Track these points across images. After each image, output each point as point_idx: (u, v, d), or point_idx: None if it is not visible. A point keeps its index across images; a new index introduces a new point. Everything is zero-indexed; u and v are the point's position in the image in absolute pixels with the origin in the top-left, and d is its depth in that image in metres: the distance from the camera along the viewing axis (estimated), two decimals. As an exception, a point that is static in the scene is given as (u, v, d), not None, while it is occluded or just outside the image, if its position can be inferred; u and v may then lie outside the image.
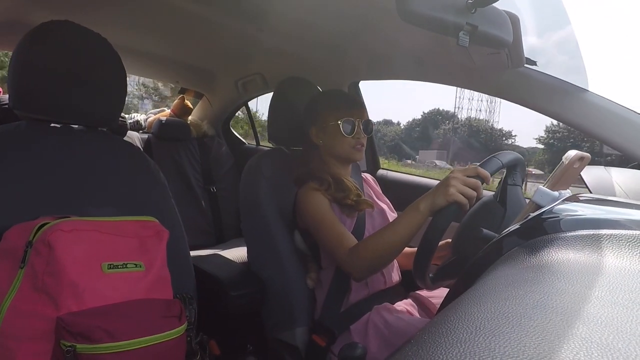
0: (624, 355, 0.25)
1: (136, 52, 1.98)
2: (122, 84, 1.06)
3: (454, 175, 0.89)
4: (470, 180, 0.87)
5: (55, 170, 0.97)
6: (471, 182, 0.87)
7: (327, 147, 1.23)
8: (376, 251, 0.99)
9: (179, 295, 0.99)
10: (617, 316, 0.31)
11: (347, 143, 1.20)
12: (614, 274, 0.40)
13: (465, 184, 0.87)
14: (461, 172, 0.89)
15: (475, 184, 0.87)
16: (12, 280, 0.77)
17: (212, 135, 2.60)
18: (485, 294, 0.41)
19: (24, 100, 0.95)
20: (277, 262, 1.23)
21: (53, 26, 0.96)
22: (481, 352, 0.27)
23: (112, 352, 0.74)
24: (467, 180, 0.87)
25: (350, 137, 1.19)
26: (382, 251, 0.99)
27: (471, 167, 0.90)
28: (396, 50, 1.51)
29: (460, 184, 0.87)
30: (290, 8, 1.34)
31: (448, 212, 0.88)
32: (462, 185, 0.87)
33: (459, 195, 0.86)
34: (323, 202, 1.15)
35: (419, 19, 0.81)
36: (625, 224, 0.54)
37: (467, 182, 0.87)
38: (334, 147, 1.22)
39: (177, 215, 1.13)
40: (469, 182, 0.87)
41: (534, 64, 1.26)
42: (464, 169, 0.90)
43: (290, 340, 1.18)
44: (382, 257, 1.01)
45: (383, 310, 1.11)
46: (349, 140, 1.19)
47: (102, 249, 0.84)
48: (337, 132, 1.19)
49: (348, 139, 1.19)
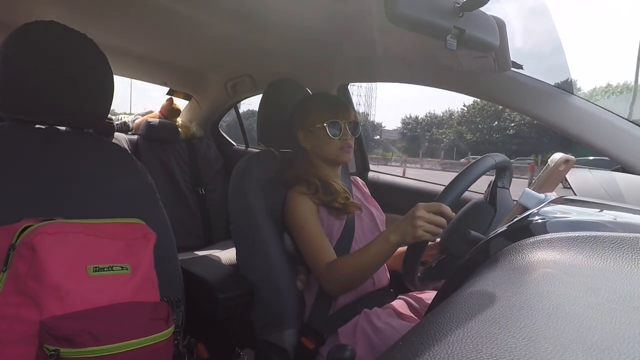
0: (607, 355, 0.26)
1: (123, 53, 1.96)
2: (109, 85, 1.05)
3: (419, 214, 0.91)
4: (435, 219, 0.91)
5: (40, 172, 0.95)
6: (436, 220, 0.91)
7: (315, 150, 1.24)
8: (349, 272, 1.04)
9: (166, 298, 0.98)
10: (601, 317, 0.32)
11: (334, 145, 1.20)
12: (599, 276, 0.41)
13: (430, 222, 0.91)
14: (425, 208, 0.92)
15: (440, 222, 0.91)
16: None
17: (200, 137, 2.59)
18: (473, 295, 0.41)
19: (7, 101, 0.93)
20: (266, 264, 1.22)
21: (38, 26, 0.94)
22: (469, 353, 0.27)
23: (96, 356, 0.73)
24: (432, 219, 0.91)
25: (337, 139, 1.20)
26: (355, 273, 1.04)
27: (434, 204, 0.92)
28: (385, 53, 1.52)
29: (425, 223, 0.90)
30: (280, 10, 1.34)
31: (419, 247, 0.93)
32: (427, 224, 0.90)
33: (426, 235, 0.90)
34: (309, 208, 1.15)
35: (407, 22, 0.82)
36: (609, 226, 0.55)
37: (432, 220, 0.91)
38: (322, 150, 1.22)
39: (165, 217, 1.12)
40: (433, 221, 0.91)
41: (520, 68, 1.28)
42: (429, 205, 0.93)
43: (279, 343, 1.18)
44: (355, 279, 1.07)
45: (372, 315, 1.11)
46: (335, 142, 1.20)
47: (88, 251, 0.83)
48: (323, 134, 1.20)
49: (335, 140, 1.20)
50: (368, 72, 1.73)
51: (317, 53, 1.68)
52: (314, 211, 1.16)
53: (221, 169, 2.58)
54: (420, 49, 1.33)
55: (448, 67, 1.33)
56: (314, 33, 1.51)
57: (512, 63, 1.23)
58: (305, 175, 1.20)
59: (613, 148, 1.16)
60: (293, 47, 1.67)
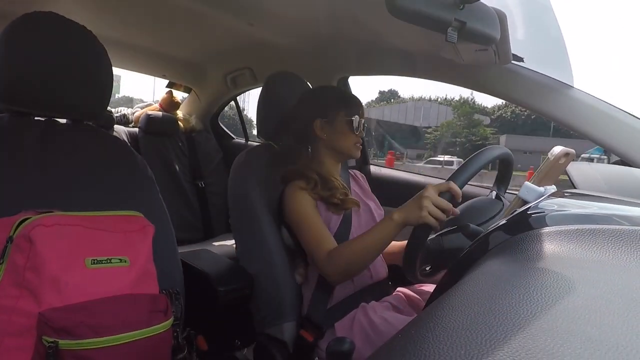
0: (606, 347, 0.26)
1: (123, 45, 1.95)
2: (108, 77, 1.04)
3: (427, 194, 0.91)
4: (442, 203, 0.90)
5: (38, 165, 0.95)
6: (442, 204, 0.90)
7: (330, 141, 1.23)
8: (352, 256, 1.04)
9: (165, 290, 0.98)
10: (600, 309, 0.32)
11: (351, 139, 1.21)
12: (598, 269, 0.41)
13: (437, 205, 0.90)
14: (434, 189, 0.92)
15: (446, 207, 0.90)
16: None
17: (200, 130, 2.58)
18: (472, 288, 0.41)
19: (5, 92, 0.93)
20: (265, 257, 1.23)
21: (36, 18, 0.94)
22: (468, 345, 0.27)
23: (95, 348, 0.73)
24: (439, 202, 0.90)
25: (356, 135, 1.21)
26: (358, 257, 1.04)
27: (444, 183, 0.92)
28: (385, 46, 1.52)
29: (431, 205, 0.90)
30: (280, 2, 1.33)
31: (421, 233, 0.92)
32: (433, 207, 0.90)
33: (430, 218, 0.89)
34: (307, 201, 1.15)
35: (407, 15, 0.81)
36: (609, 219, 0.55)
37: (439, 204, 0.90)
38: (338, 142, 1.22)
39: (164, 210, 1.12)
40: (440, 204, 0.90)
41: (521, 61, 1.27)
42: (438, 185, 0.92)
43: (279, 335, 1.18)
44: (358, 262, 1.06)
45: (369, 309, 1.12)
46: (353, 137, 1.21)
47: (86, 243, 0.82)
48: (345, 127, 1.20)
49: (353, 135, 1.21)
50: (368, 65, 1.73)
51: (317, 46, 1.67)
52: (312, 204, 1.16)
53: (221, 162, 2.58)
54: (421, 41, 1.32)
55: (448, 60, 1.33)
56: (314, 26, 1.50)
57: (513, 56, 1.22)
58: (304, 169, 1.20)
59: (614, 141, 1.16)
60: (293, 39, 1.67)
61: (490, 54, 1.18)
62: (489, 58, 1.20)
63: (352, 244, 1.05)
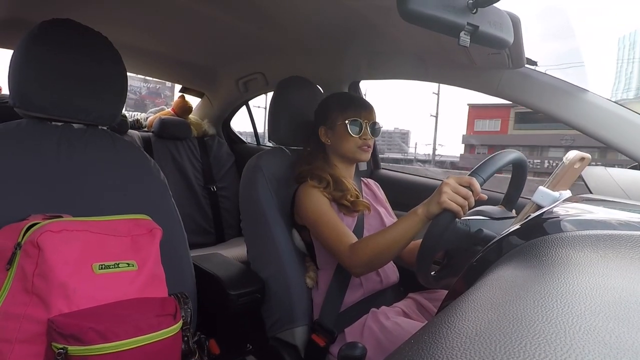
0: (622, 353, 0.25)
1: (137, 50, 1.97)
2: (123, 82, 1.06)
3: (447, 182, 0.91)
4: (461, 190, 0.90)
5: (55, 169, 0.97)
6: (462, 191, 0.90)
7: (334, 147, 1.25)
8: (376, 248, 1.02)
9: (174, 294, 0.98)
10: (616, 316, 0.31)
11: (353, 143, 1.21)
12: (614, 274, 0.40)
13: (456, 192, 0.90)
14: (455, 180, 0.92)
15: (466, 194, 0.90)
16: (2, 282, 0.76)
17: (212, 135, 2.60)
18: (486, 293, 0.41)
19: (25, 98, 0.95)
20: (277, 262, 1.23)
21: (54, 24, 0.96)
22: (482, 352, 0.27)
23: (105, 353, 0.73)
24: (458, 189, 0.90)
25: (357, 137, 1.21)
26: (382, 249, 1.02)
27: (465, 177, 0.92)
28: (397, 50, 1.51)
29: (452, 192, 0.90)
30: (292, 7, 1.34)
31: (442, 220, 0.90)
32: (453, 193, 0.89)
33: (451, 203, 0.89)
34: (322, 199, 1.16)
35: (419, 19, 0.81)
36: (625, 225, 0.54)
37: (459, 191, 0.90)
38: (341, 146, 1.23)
39: (177, 214, 1.13)
40: (460, 191, 0.90)
41: (535, 64, 1.26)
42: (459, 177, 0.92)
43: (290, 340, 1.18)
44: (381, 255, 1.04)
45: (380, 314, 1.11)
46: (355, 140, 1.21)
47: (93, 249, 0.83)
48: (344, 131, 1.20)
49: (355, 138, 1.21)
50: (380, 69, 1.72)
51: (328, 51, 1.67)
52: (327, 202, 1.16)
53: (233, 166, 2.59)
54: (433, 45, 1.32)
55: (461, 64, 1.32)
56: (325, 30, 1.50)
57: (527, 60, 1.21)
58: (317, 170, 1.21)
59: (630, 146, 1.14)
60: (305, 45, 1.67)
61: (504, 57, 1.18)
62: (502, 62, 1.20)
63: (376, 237, 1.04)
